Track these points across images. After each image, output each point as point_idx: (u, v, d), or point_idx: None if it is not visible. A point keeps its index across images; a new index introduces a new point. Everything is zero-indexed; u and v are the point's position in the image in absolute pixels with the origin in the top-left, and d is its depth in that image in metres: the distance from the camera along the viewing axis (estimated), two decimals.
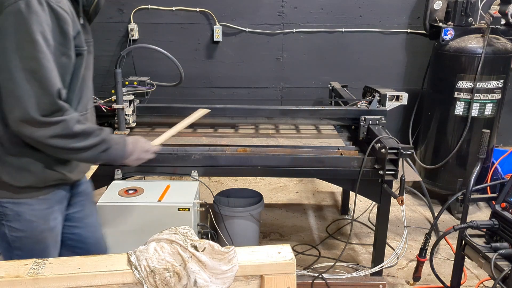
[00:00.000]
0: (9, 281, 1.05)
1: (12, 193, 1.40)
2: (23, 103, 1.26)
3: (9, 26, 1.23)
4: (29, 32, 1.24)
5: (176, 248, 1.12)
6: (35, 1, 1.24)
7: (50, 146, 1.34)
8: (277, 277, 1.15)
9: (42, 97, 1.28)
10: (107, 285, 1.08)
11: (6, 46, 1.24)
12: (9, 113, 1.29)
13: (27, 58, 1.25)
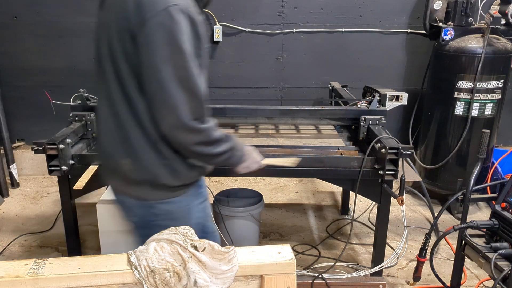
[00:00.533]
0: (9, 281, 1.05)
1: (165, 192, 1.45)
2: (176, 111, 1.30)
3: (156, 39, 1.26)
4: (176, 42, 1.26)
5: (176, 248, 1.12)
6: (175, 10, 1.25)
7: (193, 152, 1.40)
8: (277, 277, 1.15)
9: (193, 104, 1.32)
10: (107, 285, 1.08)
11: (155, 59, 1.27)
12: (162, 120, 1.33)
13: (176, 68, 1.28)
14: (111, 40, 1.35)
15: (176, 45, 1.26)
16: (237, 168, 1.59)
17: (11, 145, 3.87)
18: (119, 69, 1.34)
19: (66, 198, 2.34)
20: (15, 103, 3.89)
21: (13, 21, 3.70)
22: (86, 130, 2.54)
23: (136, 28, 1.27)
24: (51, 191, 3.77)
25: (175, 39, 1.26)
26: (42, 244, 2.99)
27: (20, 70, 3.83)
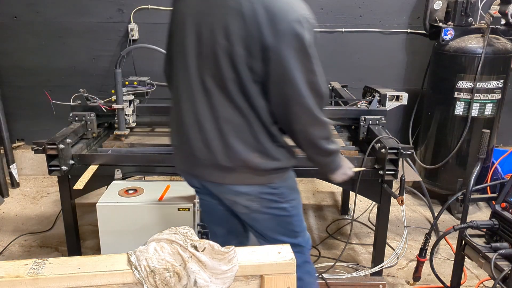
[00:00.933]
0: (9, 281, 1.05)
1: (281, 174, 1.63)
2: (311, 110, 1.47)
3: (290, 47, 1.38)
4: (306, 49, 1.40)
5: (176, 248, 1.12)
6: (304, 19, 1.39)
7: (317, 146, 1.58)
8: (277, 277, 1.15)
9: (321, 103, 1.50)
10: (107, 285, 1.08)
11: (290, 66, 1.40)
12: (297, 119, 1.50)
13: (308, 72, 1.43)
14: (221, 46, 1.42)
15: (306, 52, 1.41)
16: (335, 174, 1.74)
17: (11, 145, 3.87)
18: (239, 74, 1.44)
19: (66, 198, 2.34)
20: (15, 103, 3.89)
21: (13, 21, 3.70)
22: (86, 130, 2.54)
23: (269, 37, 1.37)
24: (51, 191, 3.77)
25: (305, 46, 1.40)
26: (42, 244, 2.99)
27: (20, 70, 3.83)
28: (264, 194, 1.62)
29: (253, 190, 1.61)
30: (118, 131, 2.53)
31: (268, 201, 1.64)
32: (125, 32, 3.73)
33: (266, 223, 1.70)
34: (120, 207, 2.12)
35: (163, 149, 2.41)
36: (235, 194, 1.62)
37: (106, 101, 2.56)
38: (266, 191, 1.62)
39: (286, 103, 1.47)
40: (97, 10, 3.68)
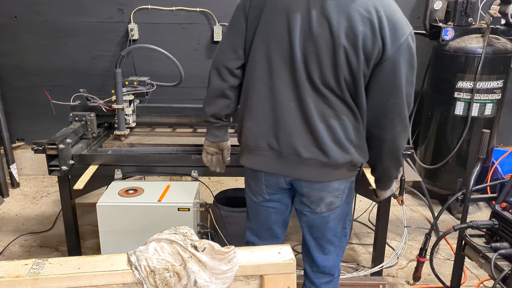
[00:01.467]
0: (9, 281, 1.05)
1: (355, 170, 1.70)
2: (406, 120, 1.56)
3: (403, 59, 1.47)
4: (413, 63, 1.50)
5: (176, 248, 1.12)
6: (413, 35, 1.52)
7: (398, 157, 1.65)
8: (277, 277, 1.15)
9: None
10: (107, 285, 1.08)
11: (402, 77, 1.48)
12: (394, 126, 1.56)
13: (410, 84, 1.52)
14: (343, 48, 1.46)
15: (412, 65, 1.50)
16: (389, 190, 1.82)
17: (11, 145, 3.87)
18: (355, 77, 1.49)
19: (66, 198, 2.34)
20: (15, 103, 3.89)
21: (13, 21, 3.70)
22: (86, 130, 2.54)
23: (389, 48, 1.46)
24: (51, 191, 3.78)
25: (413, 60, 1.50)
26: (42, 244, 2.99)
27: (20, 70, 3.83)
28: (348, 188, 1.70)
29: (344, 184, 1.68)
30: (118, 131, 2.52)
31: (347, 195, 1.72)
32: (125, 32, 3.73)
33: (334, 221, 1.73)
34: (120, 207, 2.12)
35: (163, 149, 2.41)
36: (330, 191, 1.65)
37: (106, 101, 2.56)
38: (349, 185, 1.71)
39: (387, 111, 1.54)
40: (97, 10, 3.68)
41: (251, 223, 1.90)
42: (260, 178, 1.72)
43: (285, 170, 1.63)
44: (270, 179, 1.70)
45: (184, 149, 2.39)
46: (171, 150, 2.39)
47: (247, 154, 1.70)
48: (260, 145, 1.63)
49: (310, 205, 1.69)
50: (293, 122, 1.55)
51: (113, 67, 2.44)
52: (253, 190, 1.78)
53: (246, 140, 1.68)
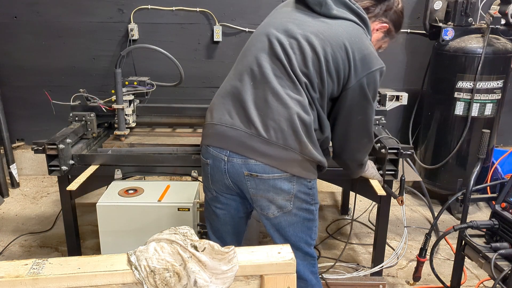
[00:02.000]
0: (9, 281, 1.05)
1: (317, 172, 1.69)
2: (372, 137, 1.74)
3: (367, 88, 1.59)
4: (375, 95, 1.64)
5: (176, 248, 1.12)
6: (382, 70, 1.60)
7: (359, 162, 1.85)
8: (277, 277, 1.15)
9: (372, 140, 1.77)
10: (107, 285, 1.08)
11: (365, 101, 1.61)
12: (359, 141, 1.73)
13: (372, 112, 1.68)
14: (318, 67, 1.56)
15: (374, 97, 1.64)
16: (358, 175, 1.96)
17: (11, 145, 3.87)
18: (324, 87, 1.58)
19: (66, 198, 2.34)
20: (15, 103, 3.89)
21: (13, 21, 3.70)
22: (86, 130, 2.54)
23: (354, 75, 1.57)
24: (51, 191, 3.78)
25: (375, 92, 1.63)
26: (42, 244, 2.99)
27: (20, 70, 3.83)
28: (300, 193, 1.63)
29: (292, 188, 1.61)
30: (118, 131, 2.53)
31: (301, 201, 1.65)
32: (125, 32, 3.73)
33: (293, 227, 1.68)
34: (120, 207, 2.12)
35: (163, 149, 2.42)
36: (276, 193, 1.60)
37: (106, 101, 2.56)
38: (302, 190, 1.63)
39: (357, 128, 1.67)
40: (97, 10, 3.68)
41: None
42: None
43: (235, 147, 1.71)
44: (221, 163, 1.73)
45: (184, 149, 2.39)
46: (171, 150, 2.39)
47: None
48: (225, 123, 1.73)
49: (260, 211, 1.74)
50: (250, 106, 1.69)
51: (113, 67, 2.44)
52: None
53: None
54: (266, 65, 1.57)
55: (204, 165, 1.69)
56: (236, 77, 1.63)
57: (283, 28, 1.60)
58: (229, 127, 1.58)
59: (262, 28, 1.66)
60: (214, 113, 1.64)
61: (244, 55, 1.67)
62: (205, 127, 1.68)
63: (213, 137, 1.62)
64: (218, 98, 1.68)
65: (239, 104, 1.59)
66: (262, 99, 1.55)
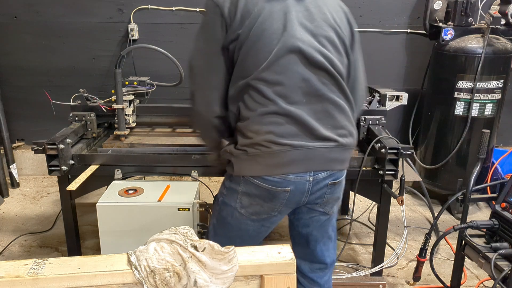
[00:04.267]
0: (9, 281, 1.05)
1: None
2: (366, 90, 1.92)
3: (358, 42, 1.76)
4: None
5: (176, 248, 1.12)
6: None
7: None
8: (277, 277, 1.15)
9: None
10: (107, 285, 1.08)
11: (360, 59, 1.76)
12: (364, 98, 1.91)
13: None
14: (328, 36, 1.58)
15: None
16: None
17: (11, 145, 3.87)
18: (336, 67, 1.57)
19: (66, 198, 2.34)
20: (15, 103, 3.89)
21: (13, 21, 3.70)
22: (86, 130, 2.54)
23: (351, 37, 1.68)
24: (51, 191, 3.78)
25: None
26: (42, 244, 2.99)
27: (20, 70, 3.83)
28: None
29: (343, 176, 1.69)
30: (118, 131, 2.52)
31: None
32: (125, 32, 3.73)
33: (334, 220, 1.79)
34: (120, 207, 2.12)
35: (163, 149, 2.42)
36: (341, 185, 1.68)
37: (106, 101, 2.56)
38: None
39: (361, 87, 1.77)
40: (97, 10, 3.68)
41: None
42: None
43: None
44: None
45: (184, 149, 2.39)
46: (171, 150, 2.39)
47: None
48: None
49: (323, 206, 1.75)
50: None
51: (113, 67, 2.44)
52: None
53: None
54: (312, 79, 1.52)
55: (280, 193, 1.55)
56: (282, 99, 1.50)
57: (302, 33, 1.51)
58: (306, 149, 1.51)
59: (281, 44, 1.49)
60: (277, 139, 1.50)
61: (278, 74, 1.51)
62: (273, 155, 1.51)
63: (291, 164, 1.52)
64: (270, 126, 1.51)
65: (301, 124, 1.51)
66: (322, 112, 1.54)
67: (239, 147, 1.55)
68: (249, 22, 1.49)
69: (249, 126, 1.51)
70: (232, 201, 1.62)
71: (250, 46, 1.49)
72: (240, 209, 1.61)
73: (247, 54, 1.50)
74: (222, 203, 1.68)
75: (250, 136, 1.51)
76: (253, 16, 1.49)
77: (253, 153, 1.50)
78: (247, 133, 1.52)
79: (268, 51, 1.48)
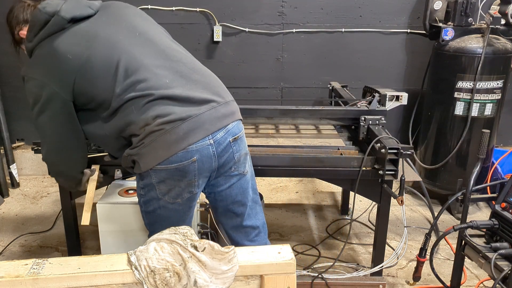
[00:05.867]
0: (9, 281, 1.05)
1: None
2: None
3: None
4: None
5: (176, 248, 1.12)
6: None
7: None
8: (277, 277, 1.15)
9: None
10: (107, 285, 1.08)
11: None
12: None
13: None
14: None
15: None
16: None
17: (11, 145, 3.87)
18: None
19: (66, 198, 2.34)
20: (15, 103, 3.89)
21: None
22: None
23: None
24: (51, 191, 3.78)
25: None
26: (42, 244, 2.99)
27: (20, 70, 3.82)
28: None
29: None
30: None
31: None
32: None
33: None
34: (120, 207, 2.12)
35: None
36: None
37: None
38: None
39: None
40: None
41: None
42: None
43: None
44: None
45: None
46: None
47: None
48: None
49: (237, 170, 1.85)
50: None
51: None
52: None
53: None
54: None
55: (189, 165, 1.63)
56: (151, 90, 1.65)
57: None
58: (195, 117, 1.61)
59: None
60: (165, 119, 1.63)
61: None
62: (168, 134, 1.60)
63: (188, 135, 1.61)
64: (154, 111, 1.65)
65: (177, 99, 1.65)
66: (187, 82, 1.70)
67: (135, 145, 1.62)
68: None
69: (137, 125, 1.60)
70: (152, 194, 1.68)
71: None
72: (163, 196, 1.68)
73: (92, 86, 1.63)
74: (144, 202, 1.74)
75: (141, 131, 1.59)
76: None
77: (150, 141, 1.58)
78: (137, 131, 1.60)
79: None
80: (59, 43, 1.59)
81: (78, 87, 1.61)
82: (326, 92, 3.69)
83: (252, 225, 1.92)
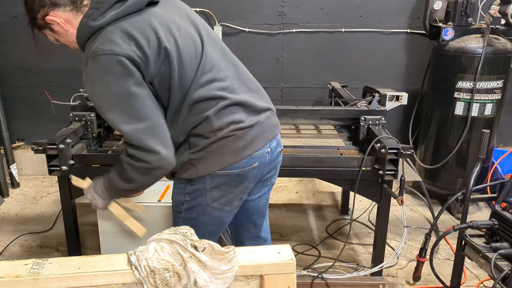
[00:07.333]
0: (9, 281, 1.05)
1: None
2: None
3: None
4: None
5: (176, 248, 1.12)
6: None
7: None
8: (277, 277, 1.15)
9: None
10: (107, 285, 1.08)
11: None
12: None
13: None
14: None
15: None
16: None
17: (11, 145, 3.87)
18: None
19: (66, 198, 2.34)
20: (15, 103, 3.89)
21: (13, 21, 3.70)
22: (86, 130, 2.53)
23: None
24: (51, 191, 3.78)
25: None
26: (42, 244, 2.99)
27: (20, 70, 3.83)
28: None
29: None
30: None
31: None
32: None
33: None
34: None
35: None
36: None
37: None
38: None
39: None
40: None
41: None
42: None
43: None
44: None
45: None
46: None
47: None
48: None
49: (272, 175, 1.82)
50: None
51: None
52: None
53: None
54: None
55: (249, 171, 1.61)
56: (227, 92, 1.60)
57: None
58: (259, 124, 1.63)
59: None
60: (238, 126, 1.59)
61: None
62: (239, 140, 1.57)
63: (254, 142, 1.60)
64: (229, 117, 1.59)
65: (245, 106, 1.64)
66: (248, 90, 1.69)
67: (200, 149, 1.55)
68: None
69: (209, 127, 1.53)
70: (201, 200, 1.62)
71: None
72: (212, 203, 1.62)
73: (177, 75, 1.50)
74: (187, 208, 1.66)
75: (212, 135, 1.54)
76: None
77: (219, 146, 1.54)
78: (207, 134, 1.54)
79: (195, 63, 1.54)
80: (146, 20, 1.46)
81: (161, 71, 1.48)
82: (326, 92, 3.69)
83: (265, 237, 1.91)
